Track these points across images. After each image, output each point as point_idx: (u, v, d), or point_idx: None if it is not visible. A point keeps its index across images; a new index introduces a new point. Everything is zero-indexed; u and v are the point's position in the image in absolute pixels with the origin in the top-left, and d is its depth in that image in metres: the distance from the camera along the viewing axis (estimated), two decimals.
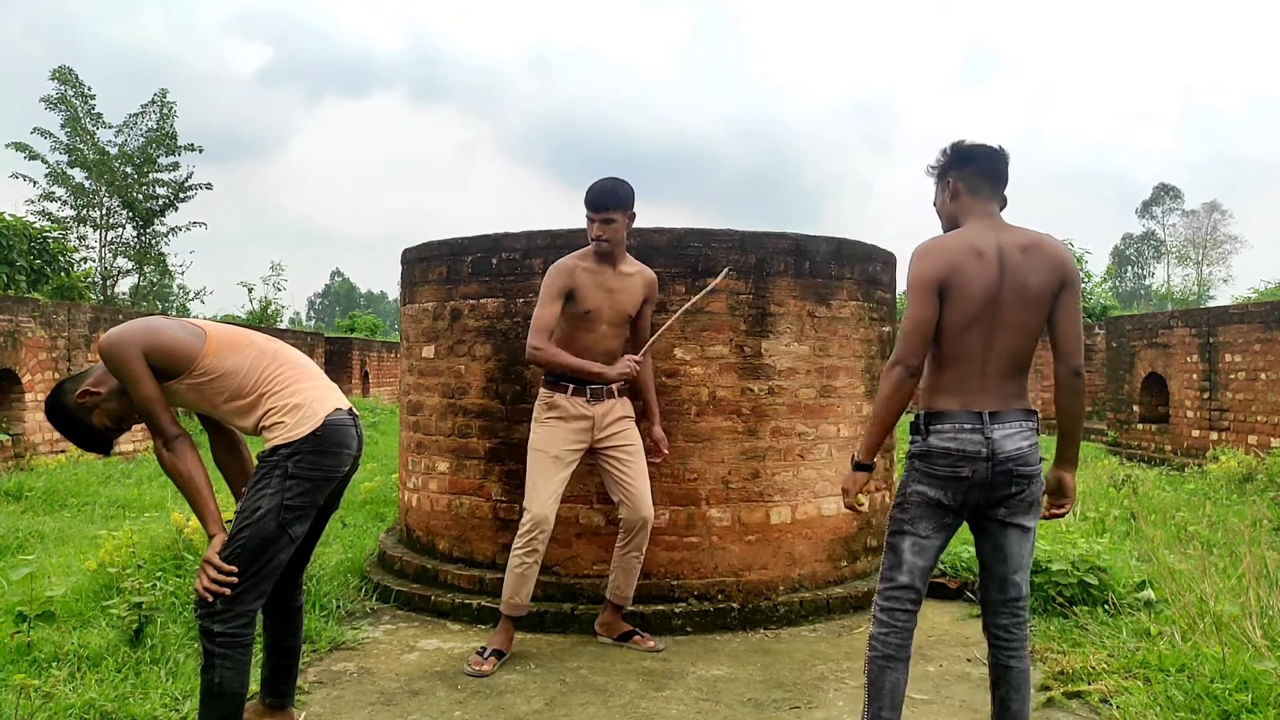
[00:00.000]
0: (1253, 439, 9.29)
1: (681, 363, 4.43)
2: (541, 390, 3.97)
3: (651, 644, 3.99)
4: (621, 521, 4.00)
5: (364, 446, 2.93)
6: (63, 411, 2.81)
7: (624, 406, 4.01)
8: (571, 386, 3.89)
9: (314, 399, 2.78)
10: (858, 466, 2.72)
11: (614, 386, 3.94)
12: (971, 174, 2.74)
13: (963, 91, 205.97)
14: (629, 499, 3.95)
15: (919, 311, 2.57)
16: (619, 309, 3.94)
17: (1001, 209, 2.79)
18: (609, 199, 3.86)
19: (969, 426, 2.56)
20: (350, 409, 2.88)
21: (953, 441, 2.56)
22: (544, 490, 3.82)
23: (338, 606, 4.39)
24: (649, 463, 4.07)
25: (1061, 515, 2.76)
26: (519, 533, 3.83)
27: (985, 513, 2.64)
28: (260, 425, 2.77)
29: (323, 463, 2.73)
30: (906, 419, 2.74)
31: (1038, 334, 2.64)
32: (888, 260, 5.27)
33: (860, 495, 2.79)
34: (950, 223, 2.78)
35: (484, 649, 3.80)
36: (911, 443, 2.66)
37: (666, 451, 4.17)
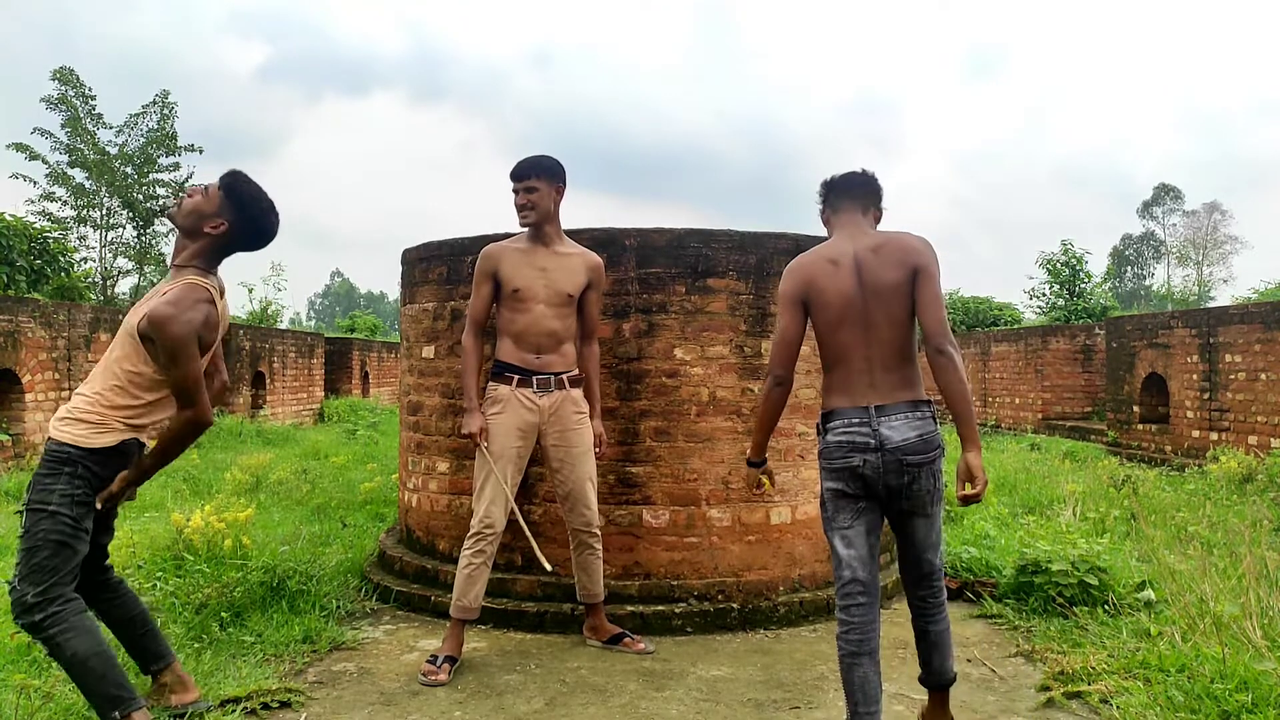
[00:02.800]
0: (1253, 439, 9.29)
1: (681, 363, 4.43)
2: (488, 383, 3.88)
3: (641, 646, 3.94)
4: (567, 524, 3.94)
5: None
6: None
7: (575, 401, 3.88)
8: (516, 378, 3.79)
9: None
10: (751, 464, 3.11)
11: (564, 377, 3.85)
12: (834, 197, 3.03)
13: (964, 91, 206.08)
14: (567, 501, 3.89)
15: (781, 324, 2.89)
16: (556, 288, 3.81)
17: (876, 220, 3.06)
18: (531, 167, 3.79)
19: (856, 421, 2.79)
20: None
21: (844, 435, 2.80)
22: (490, 490, 3.74)
23: (338, 607, 4.39)
24: (653, 447, 4.04)
25: (975, 499, 2.88)
26: (469, 534, 3.76)
27: (890, 505, 2.91)
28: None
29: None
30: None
31: (909, 324, 2.85)
32: None
33: (769, 484, 3.16)
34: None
35: (435, 656, 3.68)
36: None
37: (600, 450, 4.00)
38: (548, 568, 3.78)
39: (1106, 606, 4.18)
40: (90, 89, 17.79)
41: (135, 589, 3.79)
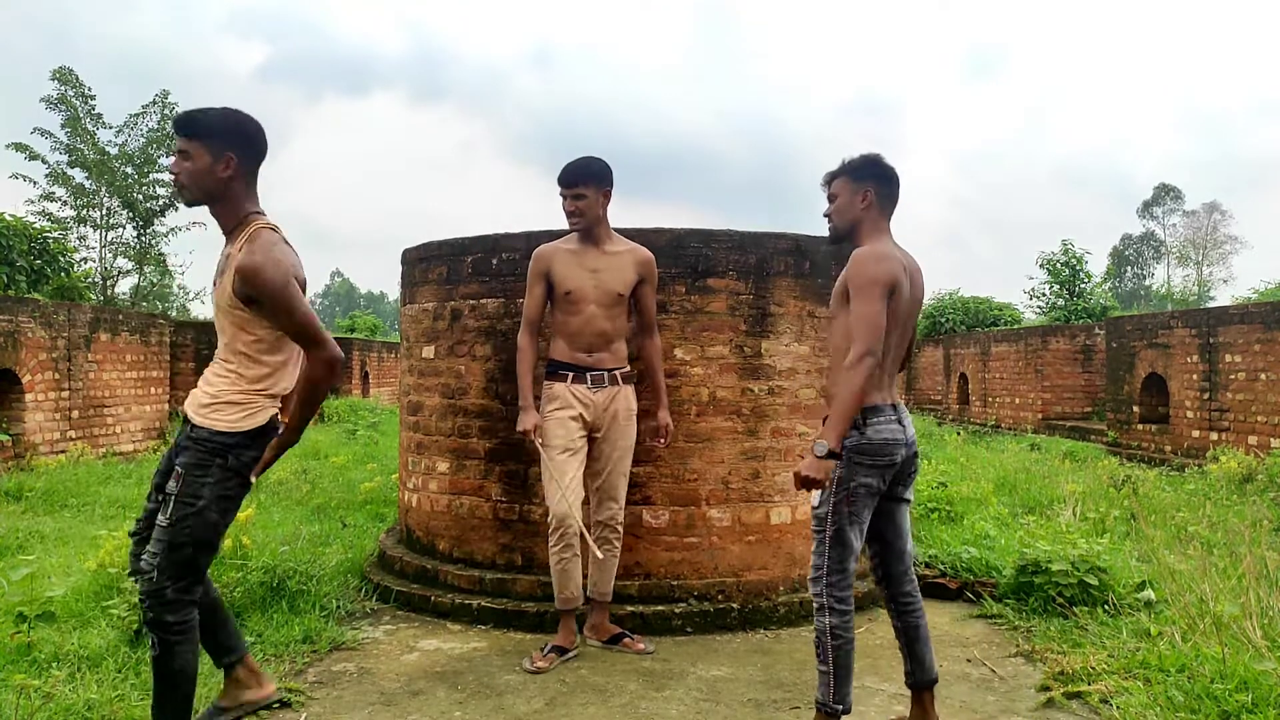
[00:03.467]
0: (1253, 439, 9.28)
1: (682, 363, 4.43)
2: (545, 382, 3.95)
3: (641, 646, 3.95)
4: (592, 517, 3.98)
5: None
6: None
7: (626, 398, 3.96)
8: (570, 374, 3.86)
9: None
10: (831, 454, 2.79)
11: (616, 374, 3.91)
12: (887, 193, 3.05)
13: (964, 91, 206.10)
14: (597, 494, 3.94)
15: (881, 307, 2.84)
16: (606, 288, 3.87)
17: None
18: (579, 174, 3.84)
19: (893, 418, 2.93)
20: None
21: (887, 431, 2.90)
22: (559, 485, 3.81)
23: (338, 607, 4.39)
24: (653, 447, 4.06)
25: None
26: (549, 531, 3.86)
27: (889, 493, 3.00)
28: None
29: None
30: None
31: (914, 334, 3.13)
32: None
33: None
34: (848, 226, 3.06)
35: (545, 645, 3.83)
36: (845, 437, 2.89)
37: (665, 441, 4.11)
38: (599, 555, 3.85)
39: (1106, 606, 4.19)
40: (90, 89, 17.82)
41: (134, 589, 3.79)
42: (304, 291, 2.73)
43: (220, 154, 2.67)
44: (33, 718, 2.94)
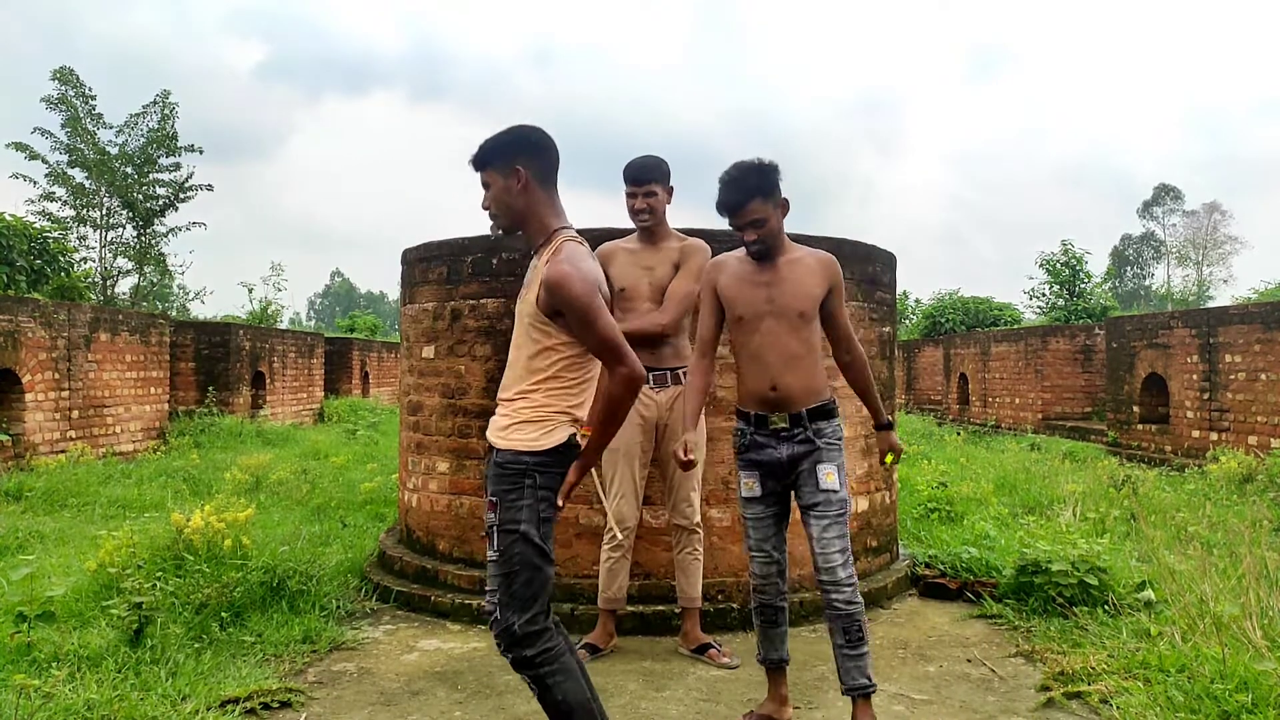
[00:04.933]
0: (1253, 439, 9.28)
1: None
2: None
3: (725, 660, 3.84)
4: (670, 521, 3.99)
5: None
6: None
7: None
8: None
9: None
10: (890, 426, 3.29)
11: (679, 372, 3.88)
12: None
13: (965, 91, 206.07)
14: (670, 498, 3.94)
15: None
16: (659, 285, 3.86)
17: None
18: (650, 172, 3.85)
19: None
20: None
21: None
22: (615, 487, 3.82)
23: (338, 607, 4.39)
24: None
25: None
26: (605, 530, 3.88)
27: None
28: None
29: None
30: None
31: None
32: (888, 261, 5.27)
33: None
34: (780, 236, 3.14)
35: (578, 640, 3.82)
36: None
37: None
38: (620, 537, 3.88)
39: (1106, 606, 4.18)
40: (90, 89, 17.82)
41: (134, 589, 3.80)
42: (609, 302, 2.59)
43: (509, 176, 2.57)
44: (33, 718, 2.94)
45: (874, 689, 3.00)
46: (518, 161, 2.56)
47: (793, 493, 3.13)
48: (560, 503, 2.53)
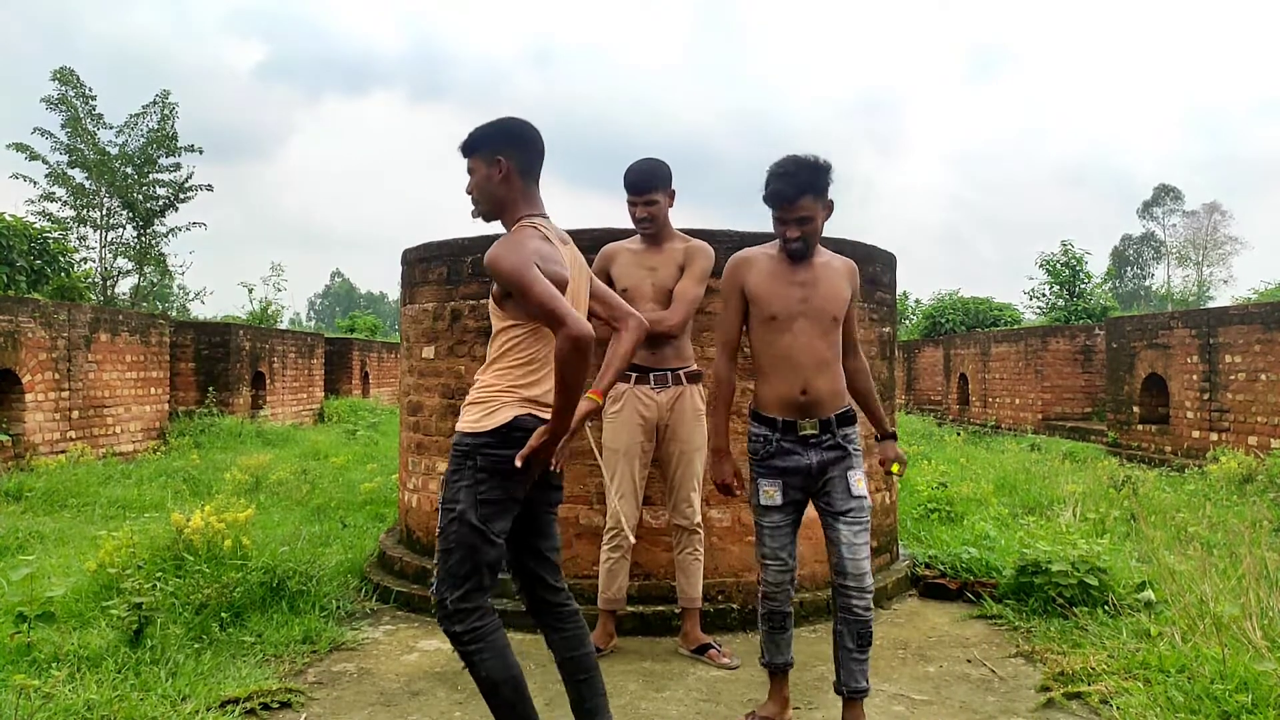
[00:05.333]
0: (1253, 440, 9.28)
1: None
2: None
3: (725, 660, 3.84)
4: (670, 521, 3.99)
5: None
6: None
7: (691, 398, 3.92)
8: (634, 375, 3.84)
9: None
10: (893, 435, 3.36)
11: (680, 373, 3.89)
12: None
13: (965, 91, 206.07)
14: (670, 497, 3.95)
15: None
16: (663, 286, 3.87)
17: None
18: (649, 179, 3.85)
19: None
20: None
21: None
22: (616, 488, 3.82)
23: (338, 607, 4.39)
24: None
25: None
26: (605, 529, 3.90)
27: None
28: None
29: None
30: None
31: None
32: (888, 261, 5.26)
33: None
34: (818, 238, 3.07)
35: None
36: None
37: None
38: (631, 540, 3.87)
39: (1106, 607, 4.18)
40: (90, 89, 17.82)
41: (134, 589, 3.80)
42: (562, 283, 2.55)
43: (490, 165, 2.65)
44: (33, 718, 2.94)
45: (869, 691, 3.01)
46: (501, 152, 2.64)
47: (812, 498, 3.08)
48: (517, 463, 2.52)
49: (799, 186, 2.98)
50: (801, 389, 3.01)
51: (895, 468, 3.26)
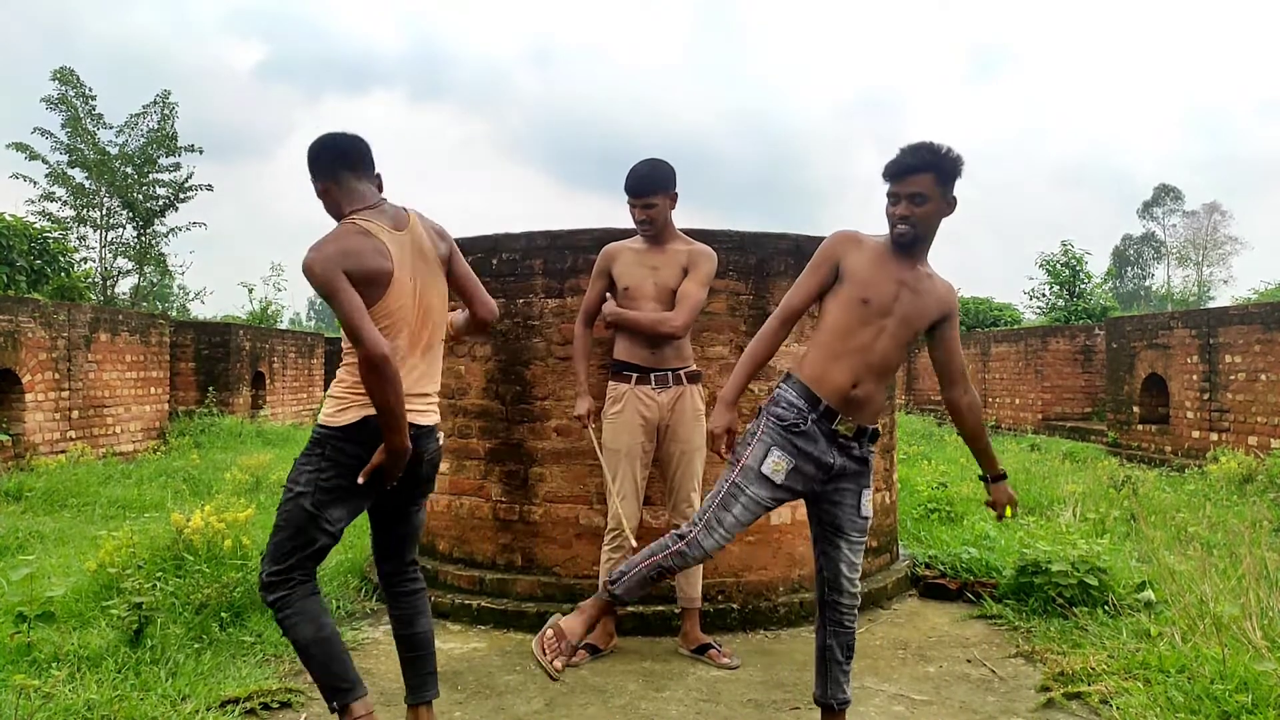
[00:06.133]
0: (1253, 440, 9.28)
1: None
2: (609, 382, 3.95)
3: (725, 660, 3.83)
4: (670, 521, 3.98)
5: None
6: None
7: (692, 398, 3.91)
8: (635, 375, 3.84)
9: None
10: (1004, 476, 3.11)
11: (681, 373, 3.89)
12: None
13: (966, 90, 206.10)
14: (670, 498, 3.95)
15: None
16: (664, 285, 3.86)
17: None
18: (650, 184, 3.84)
19: None
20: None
21: None
22: (618, 489, 3.82)
23: (338, 607, 4.39)
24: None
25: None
26: (607, 528, 3.91)
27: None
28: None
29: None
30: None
31: None
32: None
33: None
34: (931, 237, 2.90)
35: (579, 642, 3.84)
36: None
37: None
38: (633, 543, 3.81)
39: (1106, 607, 4.18)
40: (90, 89, 17.81)
41: (134, 589, 3.80)
42: (369, 277, 2.57)
43: (317, 184, 2.83)
44: (33, 718, 2.94)
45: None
46: (315, 179, 2.82)
47: (810, 501, 2.93)
48: (360, 480, 2.66)
49: (924, 164, 2.75)
50: (854, 382, 2.78)
51: (1009, 511, 3.06)
